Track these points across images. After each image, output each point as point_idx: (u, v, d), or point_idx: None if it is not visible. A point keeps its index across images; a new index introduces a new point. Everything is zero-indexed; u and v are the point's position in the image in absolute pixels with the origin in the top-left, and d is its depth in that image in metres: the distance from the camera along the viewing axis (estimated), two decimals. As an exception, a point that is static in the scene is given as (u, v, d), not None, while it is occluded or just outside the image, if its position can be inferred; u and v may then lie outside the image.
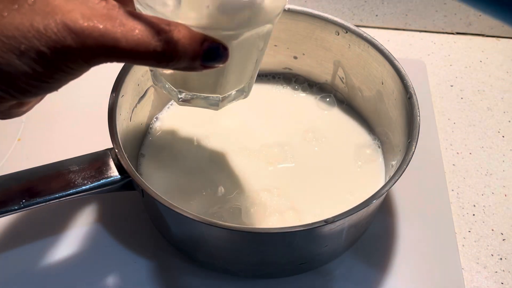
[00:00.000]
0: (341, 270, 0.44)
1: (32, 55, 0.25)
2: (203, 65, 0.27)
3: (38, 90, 0.26)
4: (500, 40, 0.69)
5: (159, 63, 0.26)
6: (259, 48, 0.33)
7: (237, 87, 0.35)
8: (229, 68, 0.32)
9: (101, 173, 0.39)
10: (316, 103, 0.53)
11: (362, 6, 0.68)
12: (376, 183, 0.46)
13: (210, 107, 0.35)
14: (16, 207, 0.37)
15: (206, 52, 0.27)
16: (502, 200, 0.51)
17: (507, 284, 0.45)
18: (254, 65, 0.34)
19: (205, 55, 0.27)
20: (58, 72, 0.25)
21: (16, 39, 0.24)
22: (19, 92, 0.26)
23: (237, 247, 0.39)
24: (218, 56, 0.28)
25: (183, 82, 0.34)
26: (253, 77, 0.36)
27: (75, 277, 0.43)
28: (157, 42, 0.25)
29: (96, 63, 0.26)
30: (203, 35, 0.27)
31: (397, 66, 0.44)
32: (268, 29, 0.32)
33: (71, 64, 0.25)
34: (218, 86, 0.33)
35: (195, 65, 0.27)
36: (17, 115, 0.30)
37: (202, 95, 0.34)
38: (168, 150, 0.48)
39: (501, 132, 0.57)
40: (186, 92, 0.34)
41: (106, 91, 0.41)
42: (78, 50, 0.25)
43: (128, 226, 0.46)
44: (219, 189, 0.45)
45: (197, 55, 0.27)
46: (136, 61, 0.26)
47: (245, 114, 0.51)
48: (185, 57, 0.26)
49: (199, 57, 0.27)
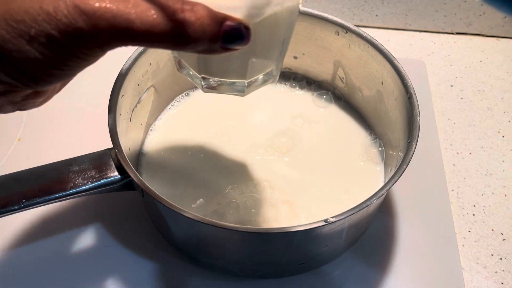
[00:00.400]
0: (341, 270, 0.44)
1: (42, 40, 0.23)
2: (224, 47, 0.25)
3: (51, 78, 0.25)
4: (500, 40, 0.69)
5: (176, 45, 0.25)
6: (286, 27, 0.30)
7: (264, 71, 0.33)
8: (254, 50, 0.30)
9: (101, 173, 0.39)
10: (314, 101, 0.53)
11: (362, 6, 0.68)
12: (376, 183, 0.46)
13: (235, 93, 0.33)
14: (16, 207, 0.37)
15: (226, 33, 0.25)
16: (502, 200, 0.51)
17: (507, 284, 0.45)
18: (281, 46, 0.31)
19: (225, 36, 0.25)
20: (71, 57, 0.24)
21: (26, 23, 0.23)
22: (32, 81, 0.25)
23: (237, 247, 0.39)
24: (240, 37, 0.25)
25: (206, 67, 0.32)
26: (281, 59, 0.33)
27: (75, 277, 0.43)
28: (174, 23, 0.24)
29: (109, 47, 0.24)
30: (223, 14, 0.25)
31: (397, 66, 0.44)
32: (295, 6, 0.29)
33: (84, 49, 0.24)
34: (243, 70, 0.31)
35: (215, 47, 0.25)
36: (34, 106, 0.29)
37: (227, 81, 0.32)
38: (168, 150, 0.48)
39: (501, 132, 0.57)
40: (211, 78, 0.32)
41: (106, 91, 0.41)
42: (90, 33, 0.23)
43: (128, 226, 0.46)
44: (219, 188, 0.45)
45: (216, 36, 0.25)
46: (152, 44, 0.25)
47: (245, 112, 0.51)
48: (204, 39, 0.25)
49: (219, 38, 0.25)
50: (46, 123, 0.54)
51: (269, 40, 0.30)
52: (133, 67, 0.43)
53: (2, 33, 0.23)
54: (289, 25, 0.30)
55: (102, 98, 0.42)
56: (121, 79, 0.42)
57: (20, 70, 0.24)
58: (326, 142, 0.49)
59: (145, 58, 0.44)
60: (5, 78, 0.25)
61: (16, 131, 0.53)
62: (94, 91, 0.54)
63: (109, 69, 0.39)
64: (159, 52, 0.46)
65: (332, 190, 0.45)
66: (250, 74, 0.32)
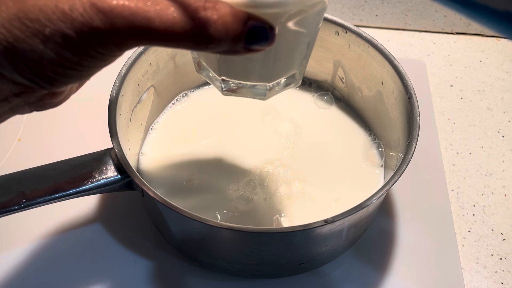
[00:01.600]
0: (341, 270, 0.44)
1: (57, 39, 0.22)
2: (247, 47, 0.24)
3: (67, 79, 0.24)
4: (500, 40, 0.69)
5: (197, 45, 0.23)
6: (311, 29, 0.29)
7: (287, 74, 0.32)
8: (277, 52, 0.28)
9: (101, 173, 0.39)
10: (314, 101, 0.53)
11: (362, 6, 0.68)
12: (376, 183, 0.46)
13: (256, 97, 0.32)
14: (16, 207, 0.37)
15: (249, 32, 0.24)
16: (502, 200, 0.51)
17: (507, 284, 0.45)
18: (305, 48, 0.30)
19: (249, 36, 0.24)
20: (87, 58, 0.23)
21: (41, 22, 0.22)
22: (47, 82, 0.24)
23: (237, 247, 0.39)
24: (264, 38, 0.24)
25: (226, 68, 0.30)
26: (305, 62, 0.32)
27: (75, 277, 0.43)
28: (195, 21, 0.22)
29: (127, 46, 0.23)
30: (246, 13, 0.24)
31: (397, 66, 0.44)
32: (322, 6, 0.28)
33: (100, 49, 0.23)
34: (265, 73, 0.30)
35: (237, 48, 0.24)
36: (51, 106, 0.28)
37: (247, 84, 0.31)
38: (168, 150, 0.48)
39: (501, 132, 0.57)
40: (231, 81, 0.31)
41: (106, 91, 0.41)
42: (107, 32, 0.22)
43: (128, 226, 0.46)
44: (219, 188, 0.45)
45: (239, 36, 0.24)
46: (171, 44, 0.23)
47: (245, 112, 0.51)
48: (226, 39, 0.23)
49: (242, 38, 0.24)
50: (46, 123, 0.54)
51: (294, 42, 0.29)
52: (133, 67, 0.43)
53: (16, 33, 0.22)
54: (315, 27, 0.29)
55: (102, 98, 0.42)
56: (121, 79, 0.42)
57: (34, 71, 0.23)
58: (326, 143, 0.49)
59: (145, 58, 0.44)
60: (19, 79, 0.24)
61: (16, 131, 0.53)
62: (94, 91, 0.54)
63: (109, 69, 0.39)
64: (159, 52, 0.46)
65: (332, 190, 0.45)
66: (272, 76, 0.31)
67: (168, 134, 0.49)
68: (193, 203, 0.44)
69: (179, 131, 0.49)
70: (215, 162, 0.47)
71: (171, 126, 0.50)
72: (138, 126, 0.47)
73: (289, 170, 0.46)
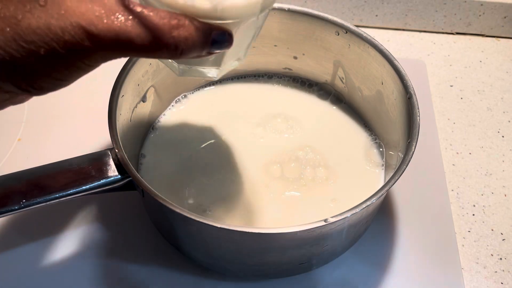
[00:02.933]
0: (341, 270, 0.44)
1: (51, 58, 0.25)
2: (210, 52, 0.29)
3: (56, 86, 0.27)
4: (500, 40, 0.69)
5: (172, 56, 0.27)
6: (259, 26, 0.34)
7: (236, 58, 0.36)
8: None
9: (101, 173, 0.39)
10: (314, 101, 0.53)
11: (362, 6, 0.68)
12: (376, 183, 0.46)
13: (207, 77, 0.36)
14: (16, 207, 0.37)
15: (213, 41, 0.29)
16: (502, 200, 0.51)
17: (507, 284, 0.45)
18: (251, 39, 0.35)
19: (213, 44, 0.29)
20: (76, 69, 0.26)
21: (36, 44, 0.25)
22: (38, 90, 0.27)
23: (237, 247, 0.39)
24: (224, 43, 0.29)
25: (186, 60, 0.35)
26: (250, 47, 0.36)
27: (75, 277, 0.43)
28: (170, 39, 0.26)
29: (111, 58, 0.27)
30: (210, 26, 0.28)
31: (397, 66, 0.44)
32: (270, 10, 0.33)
33: (88, 61, 0.26)
34: (218, 61, 0.34)
35: (203, 54, 0.29)
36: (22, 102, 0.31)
37: (202, 68, 0.36)
38: (168, 150, 0.48)
39: (501, 132, 0.57)
40: (187, 66, 0.35)
41: (106, 91, 0.41)
42: (94, 49, 0.25)
43: (128, 226, 0.46)
44: (219, 187, 0.45)
45: (205, 46, 0.28)
46: (150, 56, 0.28)
47: (244, 112, 0.51)
48: (195, 49, 0.28)
49: (207, 47, 0.29)
50: (46, 123, 0.54)
51: (244, 38, 0.34)
52: (133, 67, 0.43)
53: (13, 53, 0.25)
54: (262, 23, 0.34)
55: (102, 98, 0.42)
56: (121, 79, 0.42)
57: (28, 83, 0.26)
58: (326, 143, 0.49)
59: (145, 58, 0.44)
60: (12, 89, 0.26)
61: (16, 131, 0.53)
62: (94, 91, 0.54)
63: (109, 69, 0.39)
64: (159, 52, 0.46)
65: (332, 190, 0.45)
66: (224, 63, 0.35)
67: (168, 134, 0.49)
68: (193, 202, 0.44)
69: (179, 131, 0.49)
70: (216, 162, 0.47)
71: (171, 126, 0.50)
72: (138, 126, 0.47)
73: (289, 169, 0.46)
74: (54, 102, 0.56)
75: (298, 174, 0.46)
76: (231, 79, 0.54)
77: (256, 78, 0.55)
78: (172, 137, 0.49)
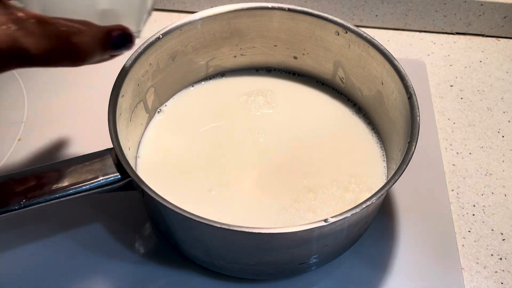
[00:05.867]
0: (341, 270, 0.44)
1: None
2: (114, 54, 0.29)
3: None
4: (500, 40, 0.69)
5: (74, 64, 0.27)
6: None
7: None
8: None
9: (101, 173, 0.39)
10: (314, 101, 0.52)
11: (362, 6, 0.68)
12: (376, 183, 0.46)
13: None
14: (16, 207, 0.37)
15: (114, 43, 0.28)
16: (502, 200, 0.51)
17: (507, 284, 0.45)
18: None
19: (114, 45, 0.28)
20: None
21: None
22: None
23: (237, 247, 0.39)
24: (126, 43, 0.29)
25: None
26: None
27: (75, 277, 0.43)
28: (68, 47, 0.26)
29: (8, 70, 0.26)
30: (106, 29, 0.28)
31: (397, 66, 0.44)
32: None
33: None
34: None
35: (106, 57, 0.29)
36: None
37: None
38: (168, 150, 0.48)
39: (501, 132, 0.57)
40: None
41: (106, 91, 0.41)
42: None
43: (128, 226, 0.46)
44: (219, 188, 0.45)
45: (107, 50, 0.28)
46: (51, 65, 0.26)
47: (244, 112, 0.51)
48: (96, 52, 0.27)
49: (109, 50, 0.28)
50: (46, 123, 0.54)
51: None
52: (133, 67, 0.43)
53: None
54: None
55: (102, 98, 0.42)
56: (121, 79, 0.42)
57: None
58: (326, 143, 0.49)
59: (145, 58, 0.44)
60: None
61: (16, 131, 0.53)
62: (94, 91, 0.54)
63: (109, 69, 0.39)
64: (159, 52, 0.46)
65: (332, 190, 0.45)
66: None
67: (168, 134, 0.49)
68: (193, 202, 0.44)
69: (179, 130, 0.49)
70: (216, 162, 0.47)
71: (171, 126, 0.50)
72: (138, 126, 0.47)
73: (289, 169, 0.46)
74: (54, 102, 0.56)
75: (297, 171, 0.46)
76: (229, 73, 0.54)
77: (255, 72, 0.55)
78: (172, 136, 0.49)
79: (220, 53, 0.51)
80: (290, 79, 0.54)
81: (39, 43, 0.25)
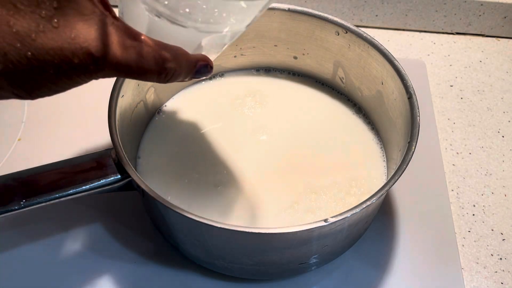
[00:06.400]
0: (341, 270, 0.44)
1: (58, 76, 0.27)
2: (192, 77, 0.33)
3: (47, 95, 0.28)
4: (500, 40, 0.69)
5: (159, 81, 0.31)
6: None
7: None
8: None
9: (101, 173, 0.39)
10: (314, 100, 0.52)
11: (362, 6, 0.68)
12: (376, 183, 0.46)
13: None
14: (16, 207, 0.37)
15: (198, 71, 0.33)
16: (502, 200, 0.51)
17: (507, 284, 0.45)
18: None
19: (196, 73, 0.33)
20: (73, 83, 0.28)
21: (47, 63, 0.26)
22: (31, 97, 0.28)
23: (237, 247, 0.39)
24: (206, 73, 0.34)
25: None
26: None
27: (75, 277, 0.44)
28: (162, 69, 0.30)
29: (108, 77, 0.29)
30: (196, 58, 0.33)
31: (397, 66, 0.44)
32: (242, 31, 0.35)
33: (87, 78, 0.28)
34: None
35: (186, 80, 0.33)
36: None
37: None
38: (168, 150, 0.48)
39: (501, 132, 0.57)
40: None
41: (106, 91, 0.41)
42: (97, 71, 0.28)
43: (128, 226, 0.46)
44: (219, 188, 0.45)
45: (191, 74, 0.33)
46: (139, 79, 0.31)
47: (244, 112, 0.51)
48: (181, 76, 0.32)
49: (191, 75, 0.33)
50: (46, 123, 0.54)
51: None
52: (133, 67, 0.43)
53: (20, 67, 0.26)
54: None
55: (102, 98, 0.42)
56: (121, 79, 0.42)
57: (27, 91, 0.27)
58: (326, 143, 0.49)
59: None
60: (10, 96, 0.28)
61: (16, 131, 0.53)
62: (94, 91, 0.54)
63: (109, 69, 0.39)
64: (159, 52, 0.46)
65: (332, 191, 0.45)
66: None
67: (168, 134, 0.49)
68: (193, 202, 0.44)
69: (179, 130, 0.49)
70: (216, 161, 0.47)
71: (171, 126, 0.50)
72: (138, 126, 0.47)
73: (289, 169, 0.46)
74: (54, 102, 0.55)
75: (297, 170, 0.46)
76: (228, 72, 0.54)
77: (256, 72, 0.55)
78: (172, 135, 0.49)
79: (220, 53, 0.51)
80: (290, 79, 0.54)
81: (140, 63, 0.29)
